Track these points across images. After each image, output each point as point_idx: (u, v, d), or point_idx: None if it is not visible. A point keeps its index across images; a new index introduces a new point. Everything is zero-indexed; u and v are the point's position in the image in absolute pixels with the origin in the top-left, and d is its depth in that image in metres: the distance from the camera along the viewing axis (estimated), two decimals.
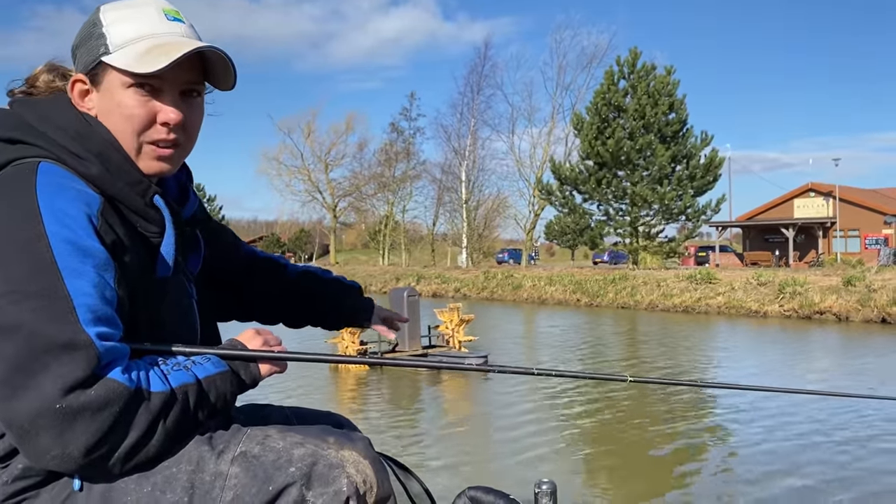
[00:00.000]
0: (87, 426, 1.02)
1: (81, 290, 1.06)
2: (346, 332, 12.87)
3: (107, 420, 1.03)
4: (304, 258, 78.60)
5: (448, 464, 6.99)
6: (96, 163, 1.18)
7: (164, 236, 1.24)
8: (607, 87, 37.09)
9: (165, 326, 1.25)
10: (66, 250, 1.06)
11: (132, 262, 1.18)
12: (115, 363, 1.07)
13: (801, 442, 7.50)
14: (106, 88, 1.22)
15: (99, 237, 1.11)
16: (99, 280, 1.08)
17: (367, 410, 9.61)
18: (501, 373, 1.46)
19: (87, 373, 1.03)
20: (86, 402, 1.02)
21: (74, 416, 1.01)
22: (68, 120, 1.21)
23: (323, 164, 62.93)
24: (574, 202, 38.45)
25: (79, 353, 1.02)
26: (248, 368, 1.25)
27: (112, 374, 1.05)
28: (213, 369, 1.20)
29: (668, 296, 25.79)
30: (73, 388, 1.01)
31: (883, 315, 19.65)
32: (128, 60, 1.19)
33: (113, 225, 1.15)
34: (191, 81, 1.25)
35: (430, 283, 36.71)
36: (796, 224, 44.79)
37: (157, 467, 1.13)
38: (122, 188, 1.19)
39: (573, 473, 6.72)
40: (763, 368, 13.09)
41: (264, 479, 1.14)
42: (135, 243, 1.20)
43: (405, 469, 1.56)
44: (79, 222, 1.09)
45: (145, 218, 1.22)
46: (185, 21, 1.27)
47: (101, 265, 1.09)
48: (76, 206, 1.10)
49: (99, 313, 1.06)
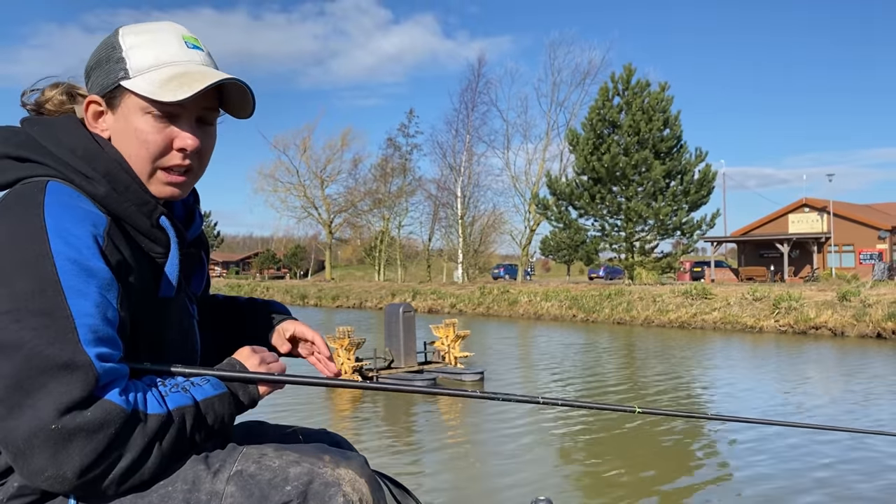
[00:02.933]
0: (83, 448, 1.02)
1: (84, 311, 1.06)
2: (342, 348, 12.84)
3: (102, 442, 1.03)
4: (300, 274, 78.46)
5: (444, 481, 6.95)
6: (104, 183, 1.18)
7: (168, 257, 1.25)
8: (602, 104, 37.33)
9: (167, 346, 1.25)
10: (71, 270, 1.07)
11: (136, 283, 1.18)
12: (114, 384, 1.07)
13: (816, 474, 7.48)
14: (123, 112, 1.24)
15: (104, 257, 1.11)
16: (101, 300, 1.08)
17: (362, 428, 9.56)
18: (506, 401, 1.44)
19: (85, 394, 1.03)
20: (82, 424, 1.02)
21: (70, 437, 1.01)
22: (77, 140, 1.21)
23: (319, 180, 63.05)
24: (569, 217, 38.55)
25: (77, 373, 1.03)
26: (246, 389, 1.25)
27: (109, 396, 1.05)
28: (211, 391, 1.19)
29: (663, 311, 25.79)
30: (70, 409, 1.01)
31: (878, 330, 19.67)
32: (149, 87, 1.20)
33: (118, 245, 1.15)
34: (207, 108, 1.27)
35: (426, 298, 36.66)
36: (791, 239, 44.94)
37: (153, 486, 1.13)
38: (129, 208, 1.20)
39: (570, 491, 6.68)
40: (773, 397, 13.08)
41: (260, 497, 1.13)
42: (140, 264, 1.20)
43: (401, 487, 1.55)
44: (84, 242, 1.10)
45: (151, 238, 1.23)
46: (203, 49, 1.28)
47: (105, 286, 1.10)
48: (82, 226, 1.11)
49: (100, 334, 1.07)
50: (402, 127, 58.70)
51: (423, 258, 60.65)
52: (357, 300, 41.56)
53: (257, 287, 52.66)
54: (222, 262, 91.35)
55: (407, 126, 58.92)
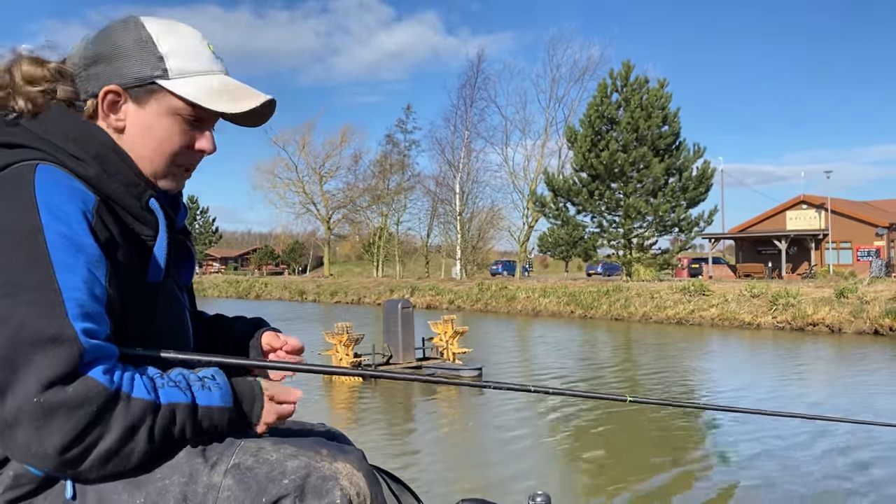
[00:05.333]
0: (63, 424, 1.02)
1: (72, 285, 1.06)
2: (340, 344, 12.85)
3: (82, 419, 1.03)
4: (299, 270, 78.46)
5: (442, 476, 6.96)
6: (93, 164, 1.19)
7: (157, 240, 1.26)
8: (600, 100, 37.32)
9: (158, 333, 1.25)
10: (61, 244, 1.07)
11: (124, 263, 1.19)
12: (99, 362, 1.06)
13: (817, 468, 7.50)
14: (152, 108, 1.25)
15: (93, 234, 1.12)
16: (90, 276, 1.09)
17: (360, 423, 9.57)
18: (497, 388, 1.45)
19: (69, 369, 1.02)
20: (63, 399, 1.02)
21: (51, 412, 1.01)
22: (67, 124, 1.22)
23: (317, 176, 62.99)
24: (568, 214, 38.57)
25: (62, 347, 1.02)
26: (252, 408, 1.24)
27: (92, 373, 1.05)
28: (217, 402, 1.18)
29: (661, 308, 25.82)
30: (53, 384, 1.01)
31: (875, 327, 19.71)
32: (196, 93, 1.25)
33: (108, 224, 1.16)
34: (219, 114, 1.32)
35: (425, 294, 36.67)
36: (789, 236, 44.99)
37: (150, 478, 1.13)
38: (119, 189, 1.21)
39: (568, 485, 6.70)
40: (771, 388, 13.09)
41: (258, 491, 1.13)
42: (128, 245, 1.21)
43: (399, 482, 1.56)
44: (74, 217, 1.10)
45: (141, 220, 1.24)
46: (222, 58, 1.35)
47: (94, 262, 1.10)
48: (72, 202, 1.12)
49: (87, 309, 1.07)
50: (401, 123, 58.69)
51: (421, 254, 60.64)
52: (355, 296, 41.57)
53: (256, 283, 52.64)
54: (221, 259, 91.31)
55: (405, 122, 58.92)
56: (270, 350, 1.49)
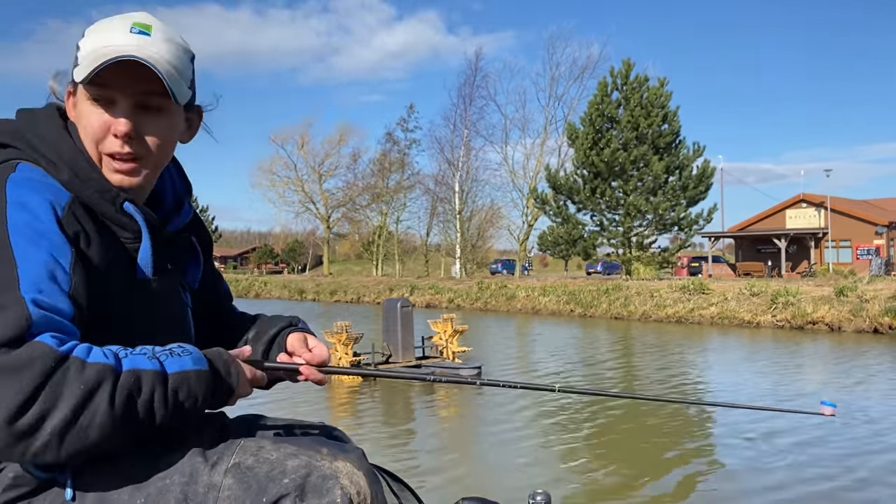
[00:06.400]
0: (7, 387, 0.97)
1: (29, 263, 1.06)
2: (339, 343, 12.85)
3: (28, 383, 0.97)
4: (298, 269, 78.45)
5: (442, 475, 6.96)
6: (66, 170, 1.21)
7: (140, 243, 1.26)
8: (600, 99, 37.32)
9: (148, 331, 1.24)
10: (23, 231, 1.09)
11: (105, 261, 1.19)
12: (51, 332, 1.03)
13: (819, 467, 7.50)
14: (76, 100, 1.27)
15: (60, 225, 1.13)
16: (50, 260, 1.09)
17: (360, 422, 9.57)
18: (436, 382, 1.45)
19: (14, 334, 0.99)
20: (5, 362, 0.98)
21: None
22: (47, 128, 1.25)
23: (317, 174, 62.98)
24: (567, 212, 38.57)
25: (7, 313, 1.01)
26: (229, 373, 1.21)
27: (40, 338, 1.01)
28: (190, 365, 1.14)
29: (661, 306, 25.83)
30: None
31: (875, 325, 19.72)
32: (77, 71, 1.22)
33: (80, 219, 1.17)
34: (146, 93, 1.24)
35: (424, 293, 36.68)
36: (788, 234, 45.00)
37: (150, 479, 1.13)
38: (92, 195, 1.22)
39: (568, 484, 6.70)
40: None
41: (258, 490, 1.13)
42: (109, 244, 1.22)
43: (399, 481, 1.56)
44: (41, 208, 1.12)
45: (118, 224, 1.24)
46: (152, 35, 1.24)
47: (56, 248, 1.10)
48: (41, 195, 1.14)
49: (41, 286, 1.05)
50: (402, 121, 58.66)
51: (420, 253, 60.64)
52: (355, 295, 41.56)
53: (255, 282, 52.62)
54: (220, 257, 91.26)
55: (406, 121, 58.90)
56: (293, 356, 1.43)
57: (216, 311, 1.54)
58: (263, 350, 1.45)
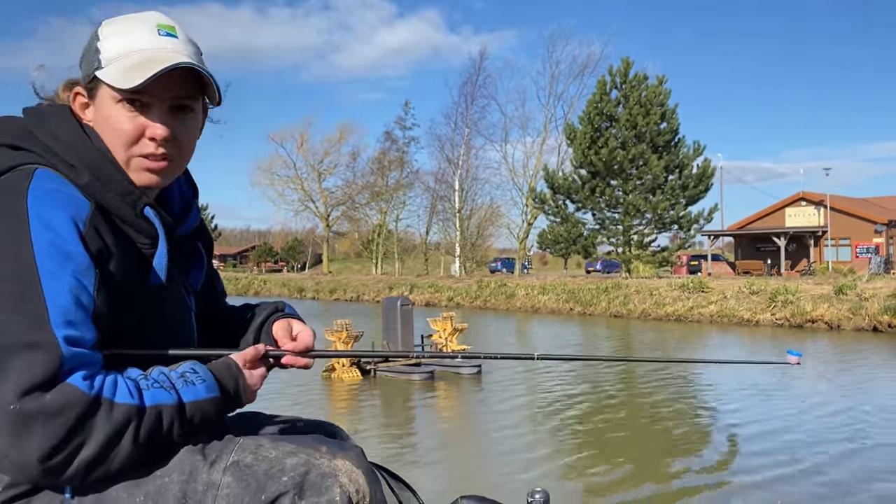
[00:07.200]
0: (42, 432, 1.00)
1: (57, 293, 1.06)
2: (339, 341, 12.85)
3: (61, 428, 1.01)
4: (297, 267, 78.44)
5: (441, 473, 6.97)
6: (86, 173, 1.19)
7: (156, 248, 1.25)
8: (599, 97, 37.27)
9: (160, 336, 1.25)
10: (48, 253, 1.07)
11: (122, 271, 1.18)
12: (80, 369, 1.05)
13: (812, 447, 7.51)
14: (99, 102, 1.24)
15: (83, 243, 1.11)
16: (76, 284, 1.08)
17: (359, 419, 9.57)
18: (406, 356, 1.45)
19: (47, 375, 1.01)
20: (40, 407, 1.00)
21: (28, 420, 1.00)
22: (64, 130, 1.22)
23: (316, 173, 62.96)
24: (567, 211, 38.56)
25: (40, 353, 1.02)
26: (237, 389, 1.24)
27: (71, 380, 1.03)
28: (203, 394, 1.18)
29: (660, 305, 25.83)
30: (30, 391, 1.00)
31: (874, 323, 19.73)
32: (114, 76, 1.20)
33: (101, 232, 1.16)
34: (181, 97, 1.25)
35: (424, 292, 36.67)
36: (788, 233, 45.02)
37: (149, 477, 1.13)
38: (113, 198, 1.20)
39: (566, 482, 6.70)
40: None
41: (257, 488, 1.13)
42: (126, 253, 1.20)
43: (398, 479, 1.56)
44: (65, 226, 1.10)
45: (136, 229, 1.23)
46: (178, 36, 1.26)
47: (82, 270, 1.10)
48: (64, 210, 1.12)
49: (71, 317, 1.06)
50: (399, 119, 58.65)
51: (420, 251, 60.64)
52: (354, 293, 41.56)
53: (255, 280, 52.61)
54: (219, 256, 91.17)
55: (404, 118, 58.89)
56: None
57: (214, 311, 1.55)
58: (253, 339, 1.46)
